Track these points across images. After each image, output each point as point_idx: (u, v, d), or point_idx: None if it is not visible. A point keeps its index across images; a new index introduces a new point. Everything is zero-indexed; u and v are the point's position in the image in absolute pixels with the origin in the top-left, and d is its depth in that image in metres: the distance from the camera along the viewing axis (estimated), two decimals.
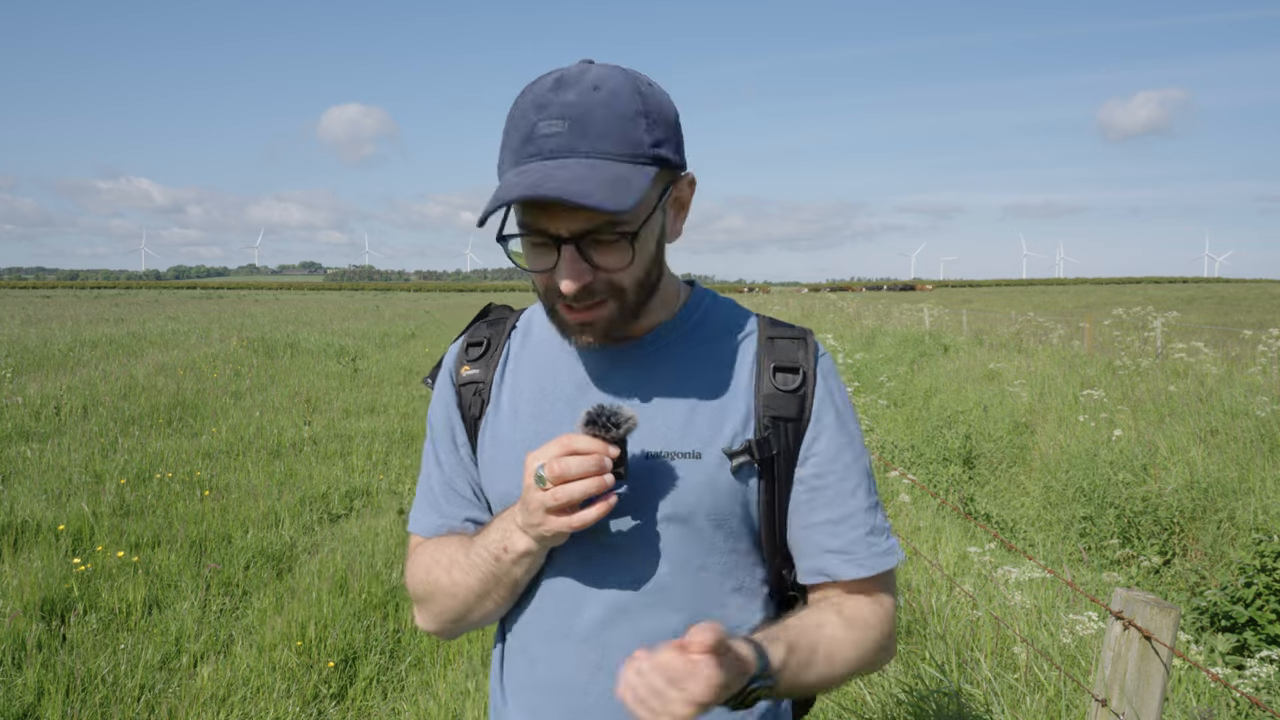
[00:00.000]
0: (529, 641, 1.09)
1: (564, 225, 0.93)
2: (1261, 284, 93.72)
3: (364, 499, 6.43)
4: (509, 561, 1.00)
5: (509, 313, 1.21)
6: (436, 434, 1.16)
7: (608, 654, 1.03)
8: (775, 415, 1.03)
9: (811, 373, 1.05)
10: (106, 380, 11.15)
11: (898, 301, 36.25)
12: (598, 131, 0.92)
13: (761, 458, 1.02)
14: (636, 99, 0.94)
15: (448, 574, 1.06)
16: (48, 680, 3.37)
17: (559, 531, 0.93)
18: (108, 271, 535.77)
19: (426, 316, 33.39)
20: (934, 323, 21.26)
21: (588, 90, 0.93)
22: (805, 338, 1.09)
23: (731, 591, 1.05)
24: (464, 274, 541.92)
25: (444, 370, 1.18)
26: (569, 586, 1.05)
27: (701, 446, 1.01)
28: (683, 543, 1.02)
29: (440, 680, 3.57)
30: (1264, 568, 4.20)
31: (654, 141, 0.95)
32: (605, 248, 0.95)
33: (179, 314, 31.50)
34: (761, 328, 1.10)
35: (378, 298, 75.04)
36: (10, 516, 5.22)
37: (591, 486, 0.90)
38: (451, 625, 1.10)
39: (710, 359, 1.07)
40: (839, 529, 1.04)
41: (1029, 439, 8.51)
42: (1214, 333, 14.33)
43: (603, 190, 0.89)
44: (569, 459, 0.90)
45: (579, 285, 0.94)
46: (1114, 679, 1.90)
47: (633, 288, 0.99)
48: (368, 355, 16.63)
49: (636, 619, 1.02)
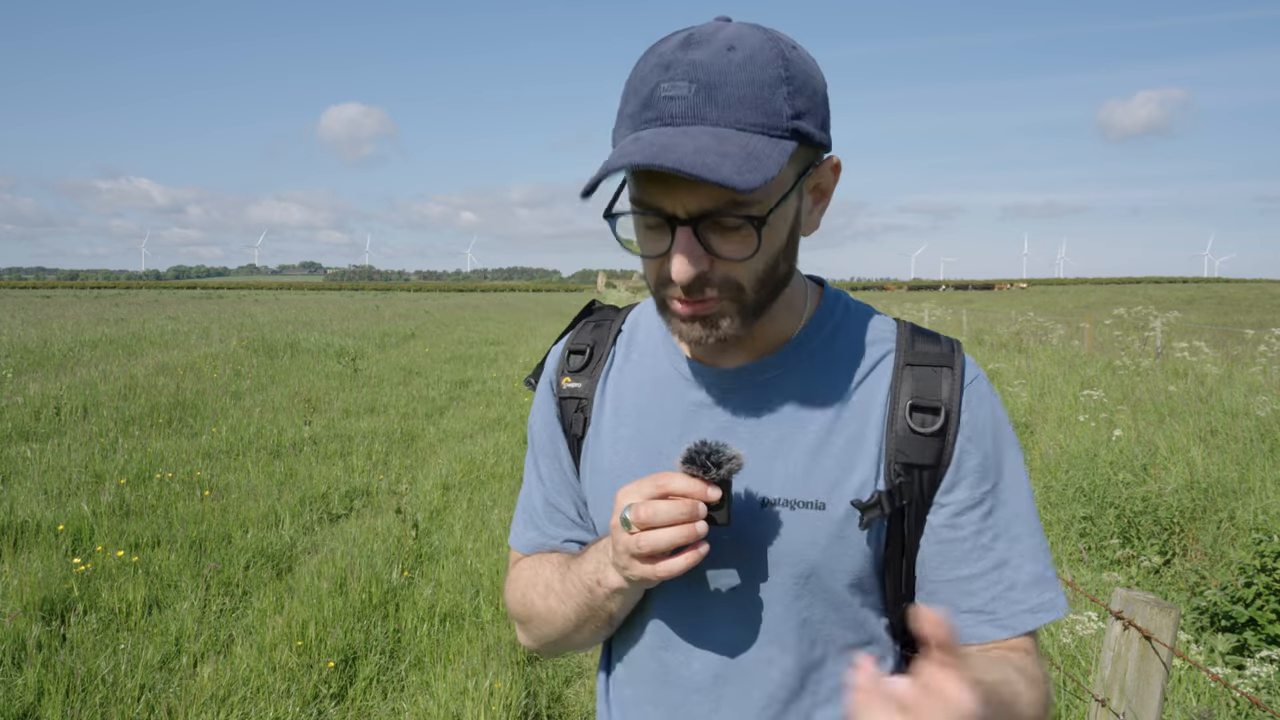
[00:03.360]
0: (638, 681, 1.02)
1: (682, 204, 0.81)
2: (1261, 284, 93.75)
3: (364, 499, 6.43)
4: (602, 596, 0.92)
5: (615, 313, 1.09)
6: (538, 446, 1.08)
7: (720, 707, 0.95)
8: (909, 462, 0.90)
9: (955, 412, 0.91)
10: (106, 380, 11.15)
11: (898, 301, 36.22)
12: (731, 97, 0.79)
13: (892, 510, 0.90)
14: (779, 62, 0.81)
15: (544, 600, 0.99)
16: (48, 680, 3.37)
17: (646, 579, 0.84)
18: (108, 271, 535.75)
19: (426, 316, 33.38)
20: (934, 323, 21.26)
21: (721, 50, 0.80)
22: (952, 362, 0.93)
23: (858, 645, 0.96)
24: (464, 274, 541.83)
25: (545, 378, 1.09)
26: (680, 632, 0.96)
27: (825, 496, 0.90)
28: (801, 599, 0.92)
29: (440, 680, 3.57)
30: (1264, 568, 4.20)
31: (795, 113, 0.81)
32: (728, 234, 0.83)
33: (179, 314, 31.49)
34: (900, 346, 0.95)
35: (378, 298, 75.05)
36: (10, 516, 5.22)
37: (679, 535, 0.80)
38: (552, 647, 1.05)
39: (840, 387, 0.93)
40: (975, 585, 0.92)
41: (1029, 439, 8.51)
42: (1214, 333, 14.34)
43: (731, 164, 0.76)
44: (658, 504, 0.81)
45: (694, 274, 0.82)
46: (1114, 679, 1.90)
47: (754, 284, 0.86)
48: (368, 355, 16.62)
49: (750, 674, 0.94)
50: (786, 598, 0.92)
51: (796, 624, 0.93)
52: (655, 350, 1.01)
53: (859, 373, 0.94)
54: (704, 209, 0.81)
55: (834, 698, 0.94)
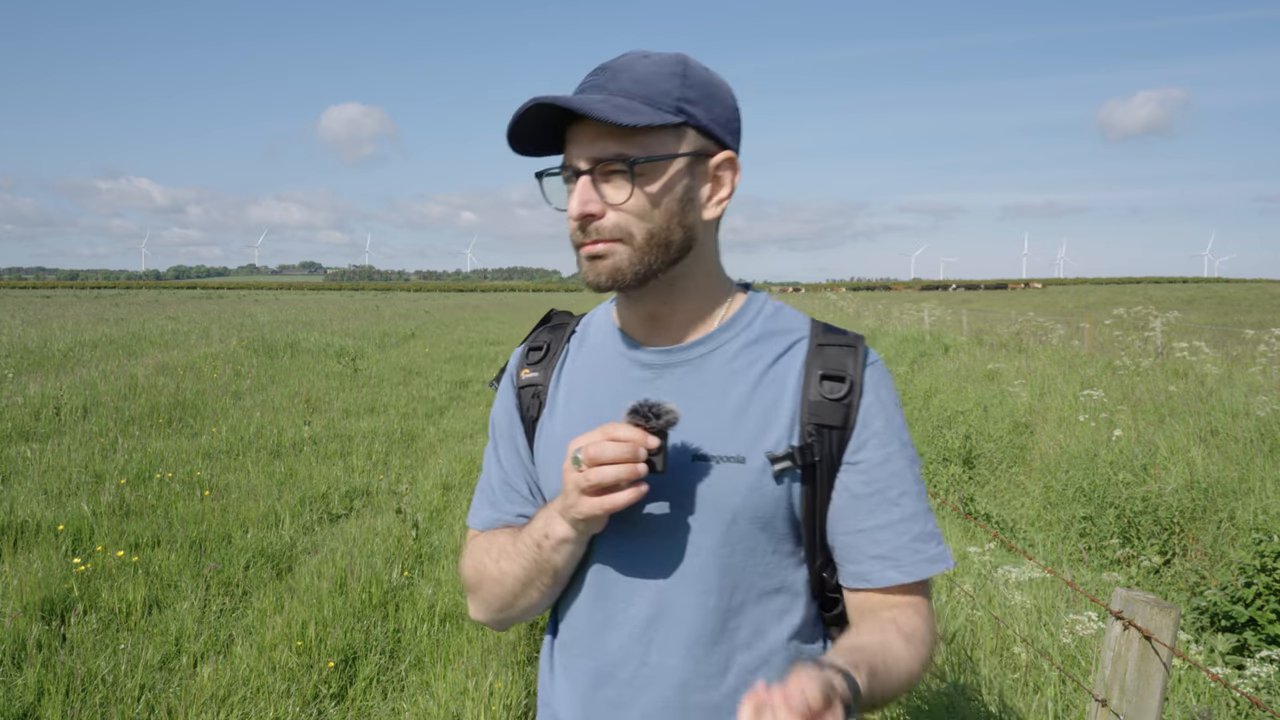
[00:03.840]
0: (579, 633, 1.12)
1: (583, 154, 0.99)
2: (1261, 284, 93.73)
3: (364, 499, 6.44)
4: (549, 548, 1.03)
5: (570, 318, 1.24)
6: (498, 435, 1.21)
7: (652, 648, 1.06)
8: (820, 423, 1.04)
9: (859, 381, 1.05)
10: (106, 380, 11.15)
11: (899, 301, 36.22)
12: (627, 78, 0.99)
13: (804, 464, 1.02)
14: (680, 66, 1.01)
15: (496, 563, 1.10)
16: (48, 680, 3.37)
17: (592, 514, 0.96)
18: (108, 271, 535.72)
19: (426, 316, 33.38)
20: (934, 323, 21.26)
21: (636, 55, 1.02)
22: (856, 345, 1.08)
23: (773, 592, 1.07)
24: (464, 274, 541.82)
25: (506, 374, 1.22)
26: (616, 581, 1.08)
27: (745, 450, 1.02)
28: (725, 543, 1.03)
29: (440, 680, 3.57)
30: (1264, 568, 4.20)
31: (682, 97, 0.99)
32: (612, 178, 0.99)
33: (179, 314, 31.48)
34: (813, 334, 1.10)
35: (378, 298, 75.06)
36: (10, 516, 5.22)
37: (624, 471, 0.92)
38: (499, 614, 1.13)
39: (760, 363, 1.07)
40: (882, 535, 1.04)
41: (1029, 439, 8.51)
42: (1214, 333, 14.33)
43: (608, 106, 0.95)
44: (606, 444, 0.93)
45: (583, 210, 0.99)
46: (1114, 679, 1.90)
47: (644, 236, 1.00)
48: (368, 355, 16.62)
49: (680, 616, 1.04)
50: (712, 543, 1.03)
51: (719, 569, 1.04)
52: (603, 341, 1.15)
53: (776, 352, 1.08)
54: (594, 157, 0.98)
55: (752, 643, 1.06)
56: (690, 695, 1.05)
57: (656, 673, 1.06)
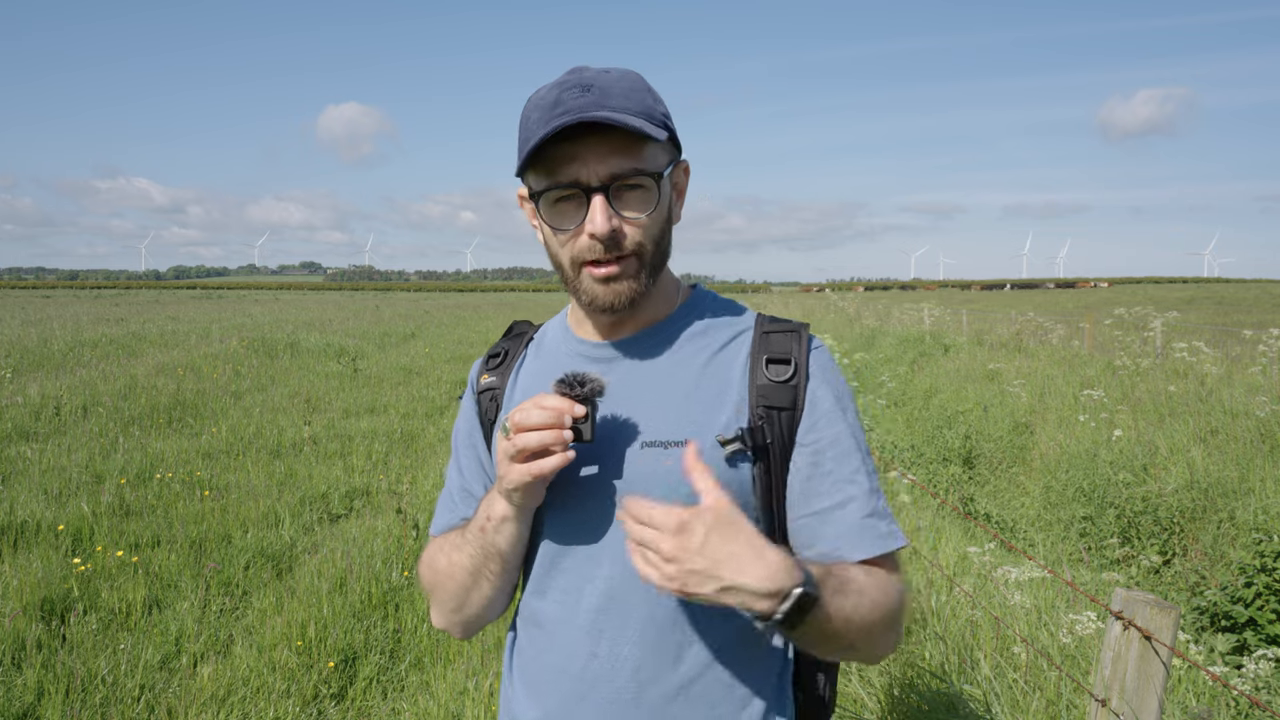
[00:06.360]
0: (532, 631, 1.14)
1: (594, 172, 0.98)
2: (1261, 284, 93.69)
3: (364, 499, 6.43)
4: (491, 530, 1.05)
5: (529, 327, 1.27)
6: (459, 444, 1.23)
7: (602, 640, 1.06)
8: (769, 405, 1.06)
9: (804, 364, 1.08)
10: (106, 380, 11.15)
11: (899, 301, 36.22)
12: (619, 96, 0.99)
13: (755, 445, 1.04)
14: (643, 81, 1.06)
15: (447, 557, 1.11)
16: (48, 680, 3.37)
17: (521, 481, 0.97)
18: (108, 271, 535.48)
19: (426, 316, 33.37)
20: (934, 323, 21.26)
21: (599, 73, 1.03)
22: (799, 331, 1.11)
23: None
24: (464, 274, 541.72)
25: (469, 384, 1.26)
26: (565, 573, 1.09)
27: (694, 435, 1.03)
28: None
29: (440, 680, 3.57)
30: (1264, 568, 4.20)
31: (664, 111, 1.05)
32: (632, 193, 1.01)
33: (179, 314, 31.48)
34: (758, 323, 1.13)
35: (378, 298, 75.02)
36: (10, 516, 5.22)
37: (549, 437, 0.94)
38: (455, 614, 1.14)
39: (706, 351, 1.10)
40: (835, 515, 1.05)
41: (1029, 439, 8.51)
42: (1214, 333, 14.32)
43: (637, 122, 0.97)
44: (532, 410, 0.95)
45: (609, 229, 0.99)
46: (1114, 679, 1.90)
47: (654, 245, 1.04)
48: (368, 355, 16.62)
49: (633, 606, 1.05)
50: None
51: None
52: (557, 344, 1.18)
53: (722, 341, 1.11)
54: (612, 173, 0.98)
55: (706, 629, 1.05)
56: (644, 684, 1.05)
57: (609, 664, 1.05)
